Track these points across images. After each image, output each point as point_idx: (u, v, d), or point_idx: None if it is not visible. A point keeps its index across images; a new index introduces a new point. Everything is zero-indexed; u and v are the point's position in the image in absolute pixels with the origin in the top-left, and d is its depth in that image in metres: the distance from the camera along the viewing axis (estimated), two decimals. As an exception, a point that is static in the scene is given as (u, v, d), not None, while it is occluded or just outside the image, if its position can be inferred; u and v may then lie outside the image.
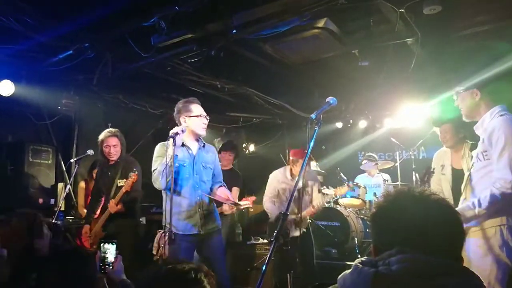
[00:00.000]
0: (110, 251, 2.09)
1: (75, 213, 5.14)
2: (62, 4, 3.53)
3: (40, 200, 5.03)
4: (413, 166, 5.72)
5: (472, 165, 2.56)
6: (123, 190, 3.85)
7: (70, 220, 4.94)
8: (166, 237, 2.92)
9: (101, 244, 2.13)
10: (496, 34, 3.91)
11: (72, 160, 4.88)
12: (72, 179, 4.92)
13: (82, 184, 5.20)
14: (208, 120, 3.32)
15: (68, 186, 4.72)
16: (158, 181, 3.07)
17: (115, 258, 2.08)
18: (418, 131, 5.81)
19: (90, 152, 4.68)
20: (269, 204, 4.59)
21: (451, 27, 3.89)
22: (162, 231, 3.04)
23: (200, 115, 3.25)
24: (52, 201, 5.18)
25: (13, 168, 4.93)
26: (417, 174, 5.82)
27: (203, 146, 3.32)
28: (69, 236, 4.58)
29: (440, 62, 4.52)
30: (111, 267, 2.05)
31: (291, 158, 4.62)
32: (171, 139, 2.96)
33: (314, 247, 4.68)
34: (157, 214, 6.29)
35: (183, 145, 3.19)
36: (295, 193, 4.58)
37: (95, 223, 4.05)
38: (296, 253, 4.38)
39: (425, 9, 3.46)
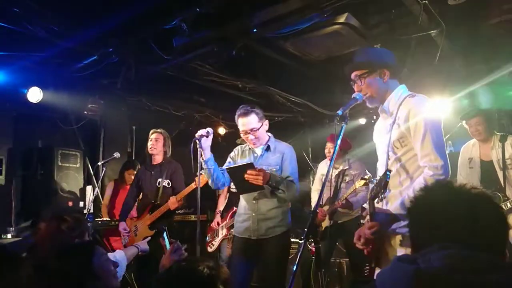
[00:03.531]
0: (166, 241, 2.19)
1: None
2: (85, 10, 3.60)
3: (70, 203, 5.16)
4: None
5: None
6: (193, 185, 3.82)
7: (99, 222, 5.05)
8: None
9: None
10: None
11: (99, 163, 4.98)
12: (99, 182, 5.03)
13: (110, 184, 5.24)
14: (252, 134, 3.10)
15: (96, 189, 4.83)
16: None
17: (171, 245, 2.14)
18: (445, 125, 5.63)
19: (117, 154, 4.78)
20: (313, 195, 4.62)
21: (478, 17, 3.77)
22: None
23: (241, 131, 3.14)
24: (81, 203, 5.31)
25: (43, 172, 5.07)
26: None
27: (268, 149, 3.15)
28: (98, 238, 4.69)
29: (468, 53, 4.39)
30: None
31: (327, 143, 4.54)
32: (196, 142, 2.95)
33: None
34: (182, 215, 6.37)
35: (250, 149, 3.23)
36: (327, 184, 4.45)
37: (132, 222, 4.14)
38: (327, 247, 4.30)
39: (450, 0, 3.37)
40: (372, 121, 6.91)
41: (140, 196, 4.31)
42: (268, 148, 3.17)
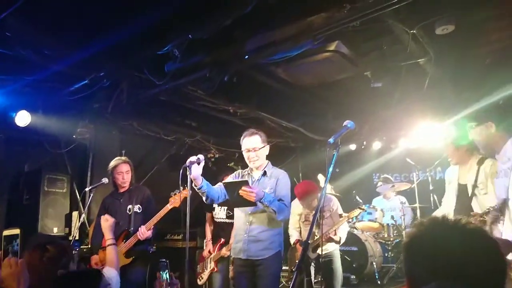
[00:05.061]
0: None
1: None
2: (77, 34, 3.60)
3: (55, 229, 5.02)
4: (431, 187, 5.59)
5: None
6: (169, 206, 3.83)
7: (85, 249, 4.90)
8: None
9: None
10: None
11: (86, 189, 4.88)
12: (86, 208, 4.91)
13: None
14: (253, 152, 3.31)
15: (83, 215, 4.71)
16: None
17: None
18: (434, 151, 5.71)
19: (105, 180, 4.68)
20: (291, 232, 4.62)
21: (465, 46, 3.86)
22: None
23: (244, 149, 3.36)
24: (67, 230, 5.18)
25: (29, 197, 4.96)
26: (435, 196, 5.71)
27: (265, 174, 3.38)
28: (83, 266, 4.54)
29: (456, 81, 4.48)
30: None
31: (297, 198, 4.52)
32: (186, 168, 2.95)
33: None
34: (170, 241, 6.24)
35: (248, 173, 3.45)
36: (310, 218, 4.56)
37: (104, 252, 3.99)
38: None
39: (437, 30, 3.45)
40: (362, 146, 6.96)
41: None
42: (264, 173, 3.38)
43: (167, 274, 2.20)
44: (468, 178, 3.41)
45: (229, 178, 3.52)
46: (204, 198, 3.30)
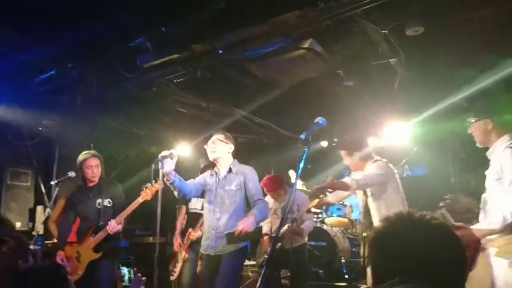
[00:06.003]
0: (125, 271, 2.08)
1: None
2: (44, 24, 3.47)
3: (18, 224, 4.85)
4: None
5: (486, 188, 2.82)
6: (142, 199, 3.76)
7: (49, 245, 4.76)
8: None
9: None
10: (480, 51, 4.02)
11: (52, 183, 4.73)
12: (52, 202, 4.76)
13: (62, 202, 4.93)
14: (213, 143, 3.50)
15: (48, 210, 4.56)
16: None
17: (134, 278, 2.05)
18: (402, 150, 5.88)
19: (72, 174, 4.54)
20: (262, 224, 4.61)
21: (434, 47, 3.97)
22: None
23: (208, 143, 3.52)
24: (30, 224, 5.02)
25: (-9, 191, 4.77)
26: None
27: (230, 171, 3.46)
28: (47, 262, 4.41)
29: (424, 81, 4.62)
30: None
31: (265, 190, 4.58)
32: (158, 162, 2.93)
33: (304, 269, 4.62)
34: (140, 237, 6.16)
35: (216, 172, 3.55)
36: (279, 212, 4.62)
37: (73, 248, 3.90)
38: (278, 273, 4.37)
39: (407, 31, 3.53)
40: (333, 144, 7.06)
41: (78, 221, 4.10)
42: (230, 170, 3.48)
43: (130, 271, 2.17)
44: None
45: (206, 174, 3.61)
46: (176, 193, 3.33)
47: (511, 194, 2.55)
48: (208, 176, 3.59)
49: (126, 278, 4.75)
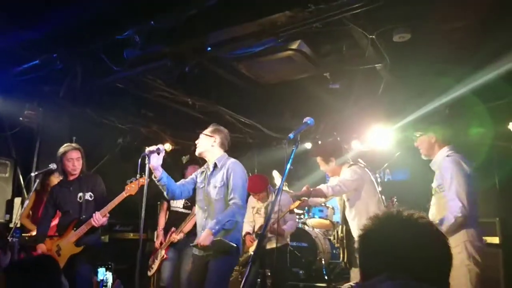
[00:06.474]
0: (107, 277, 2.03)
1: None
2: (30, 9, 3.38)
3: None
4: (379, 189, 5.84)
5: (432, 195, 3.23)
6: (127, 194, 3.68)
7: (27, 238, 4.66)
8: None
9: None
10: (459, 60, 4.12)
11: (32, 174, 4.63)
12: (31, 194, 4.67)
13: (33, 195, 4.77)
14: (200, 138, 3.40)
15: (26, 201, 4.47)
16: None
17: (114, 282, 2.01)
18: (384, 154, 5.96)
19: (53, 166, 4.46)
20: (244, 226, 4.61)
21: (419, 54, 4.05)
22: None
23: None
24: (7, 216, 4.90)
25: (-33, 181, 4.64)
26: (383, 197, 5.97)
27: (215, 166, 3.31)
28: (25, 255, 4.32)
29: (408, 87, 4.71)
30: None
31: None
32: (145, 157, 2.87)
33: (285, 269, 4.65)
34: (120, 232, 6.08)
35: (207, 168, 3.39)
36: (262, 214, 4.64)
37: (53, 242, 3.83)
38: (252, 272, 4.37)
39: (394, 37, 3.60)
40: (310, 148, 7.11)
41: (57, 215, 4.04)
42: (215, 166, 3.32)
43: (109, 276, 2.13)
44: None
45: (198, 172, 3.52)
46: (165, 193, 3.24)
47: (451, 197, 2.91)
48: (199, 174, 3.45)
49: (109, 284, 4.70)
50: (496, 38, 3.58)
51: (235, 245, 3.12)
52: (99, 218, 3.68)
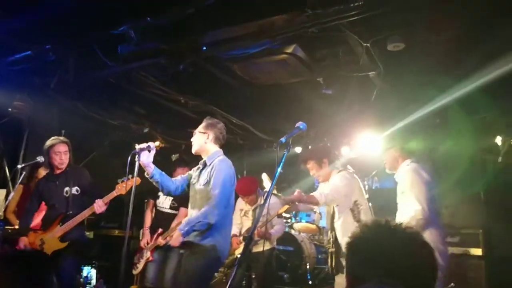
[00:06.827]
0: (91, 274, 2.00)
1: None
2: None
3: (-22, 207, 4.65)
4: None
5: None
6: (117, 193, 3.62)
7: (10, 230, 4.58)
8: None
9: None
10: (447, 71, 4.19)
11: (19, 166, 4.55)
12: (17, 186, 4.59)
13: (20, 188, 4.65)
14: (193, 136, 3.33)
15: (12, 193, 4.40)
16: None
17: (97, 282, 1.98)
18: (372, 161, 5.99)
19: (40, 159, 4.39)
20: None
21: (412, 64, 4.10)
22: None
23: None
24: (-9, 208, 4.81)
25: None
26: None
27: (205, 164, 3.23)
28: (8, 248, 4.25)
29: (400, 95, 4.77)
30: None
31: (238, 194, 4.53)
32: (135, 155, 2.84)
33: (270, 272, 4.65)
34: (105, 229, 6.03)
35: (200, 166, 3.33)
36: (249, 217, 4.64)
37: (36, 235, 3.77)
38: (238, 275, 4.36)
39: (389, 46, 3.64)
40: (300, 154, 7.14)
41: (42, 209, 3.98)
42: (205, 164, 3.26)
43: (93, 273, 2.11)
44: None
45: (194, 169, 3.43)
46: (160, 189, 3.21)
47: (411, 201, 3.24)
48: (195, 170, 3.36)
49: (93, 282, 4.64)
50: (482, 49, 3.68)
51: (208, 246, 2.99)
52: (101, 205, 3.62)
